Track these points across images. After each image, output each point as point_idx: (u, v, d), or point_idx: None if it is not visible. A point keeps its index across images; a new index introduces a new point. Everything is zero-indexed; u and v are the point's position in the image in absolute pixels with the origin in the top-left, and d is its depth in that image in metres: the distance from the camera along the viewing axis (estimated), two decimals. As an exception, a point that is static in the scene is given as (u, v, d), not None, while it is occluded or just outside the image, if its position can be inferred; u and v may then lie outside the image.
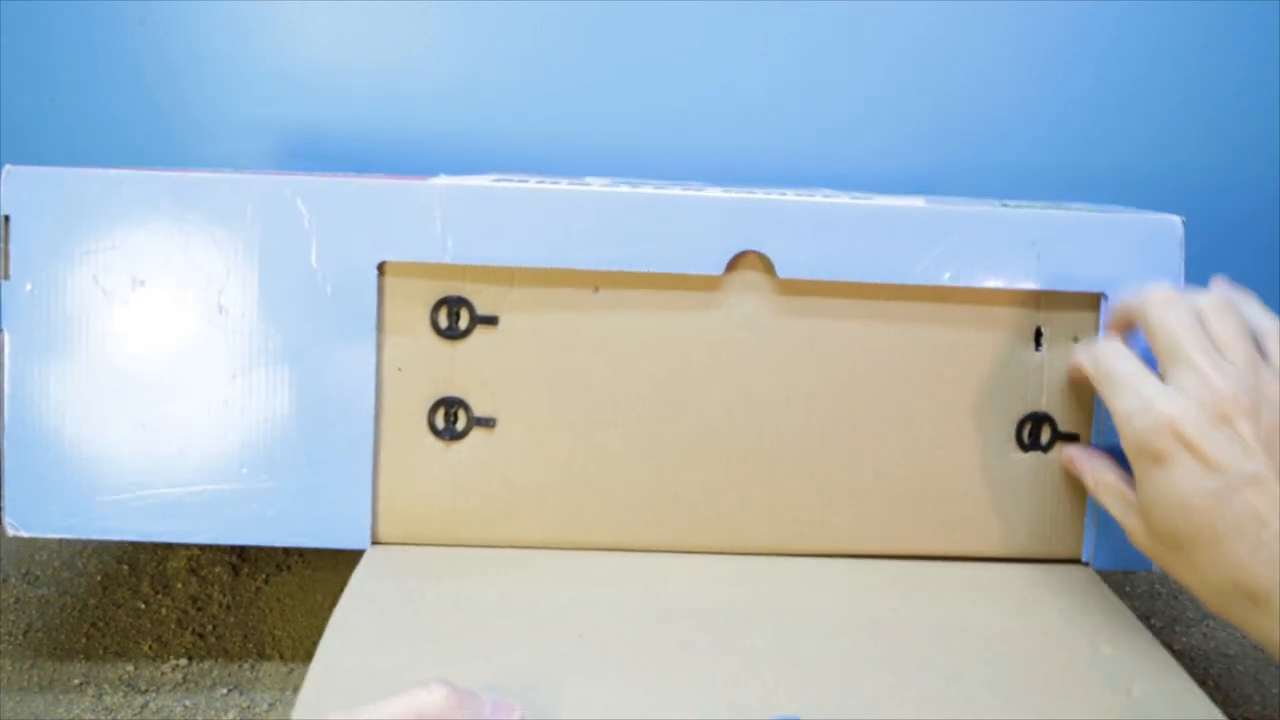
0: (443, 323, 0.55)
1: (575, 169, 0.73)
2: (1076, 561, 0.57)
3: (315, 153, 0.75)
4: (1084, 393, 0.56)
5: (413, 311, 0.55)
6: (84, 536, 0.53)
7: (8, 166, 0.53)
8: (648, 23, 0.75)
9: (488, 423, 0.55)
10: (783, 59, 0.77)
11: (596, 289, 0.55)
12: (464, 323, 0.55)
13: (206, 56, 0.74)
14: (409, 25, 0.75)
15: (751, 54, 0.76)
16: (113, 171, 0.53)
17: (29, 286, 0.53)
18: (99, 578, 0.64)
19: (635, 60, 0.76)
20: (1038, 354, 0.56)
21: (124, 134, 0.75)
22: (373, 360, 0.54)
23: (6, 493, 0.53)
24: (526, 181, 0.56)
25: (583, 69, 0.76)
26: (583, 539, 0.56)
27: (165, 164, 0.63)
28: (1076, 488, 0.56)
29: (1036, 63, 0.78)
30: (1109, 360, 0.51)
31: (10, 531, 0.53)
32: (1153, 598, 0.68)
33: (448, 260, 0.54)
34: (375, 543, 0.55)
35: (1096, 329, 0.56)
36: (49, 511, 0.53)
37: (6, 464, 0.53)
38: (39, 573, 0.64)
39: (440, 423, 0.55)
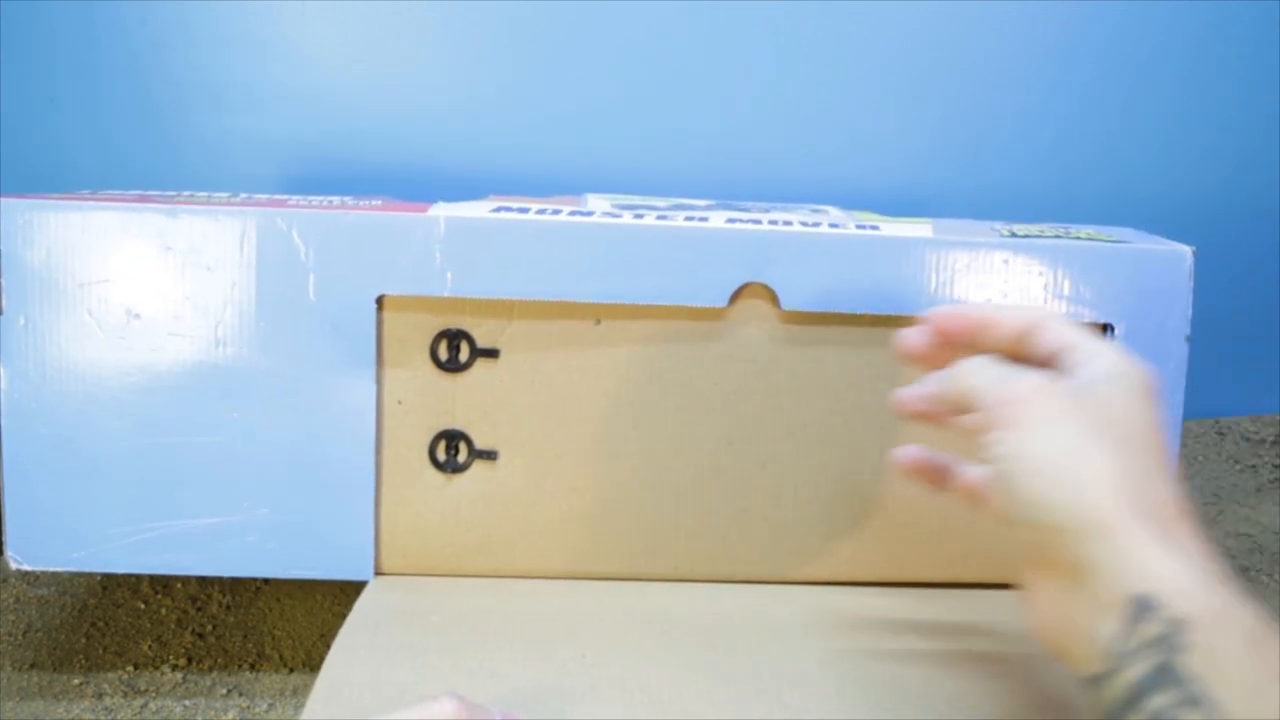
0: (443, 356, 0.54)
1: (574, 184, 0.72)
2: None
3: (316, 157, 0.74)
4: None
5: (412, 345, 0.54)
6: (87, 570, 0.53)
7: None
8: (647, 38, 0.74)
9: (489, 455, 0.55)
10: (782, 73, 0.77)
11: (598, 321, 0.54)
12: (464, 356, 0.54)
13: (206, 65, 0.73)
14: (412, 34, 0.74)
15: (751, 69, 0.77)
16: (105, 202, 0.52)
17: (23, 320, 0.52)
18: (99, 578, 0.64)
19: (635, 76, 0.76)
20: None
21: (125, 134, 0.74)
22: (373, 393, 0.53)
23: (8, 528, 0.53)
24: (527, 211, 0.54)
25: (582, 85, 0.76)
26: (585, 570, 0.56)
27: (165, 168, 0.62)
28: None
29: (1035, 73, 0.78)
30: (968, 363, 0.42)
31: (13, 565, 0.53)
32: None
33: (447, 293, 0.53)
34: (378, 574, 0.55)
35: None
36: (51, 546, 0.53)
37: (7, 499, 0.53)
38: (39, 573, 0.65)
39: (441, 455, 0.55)
